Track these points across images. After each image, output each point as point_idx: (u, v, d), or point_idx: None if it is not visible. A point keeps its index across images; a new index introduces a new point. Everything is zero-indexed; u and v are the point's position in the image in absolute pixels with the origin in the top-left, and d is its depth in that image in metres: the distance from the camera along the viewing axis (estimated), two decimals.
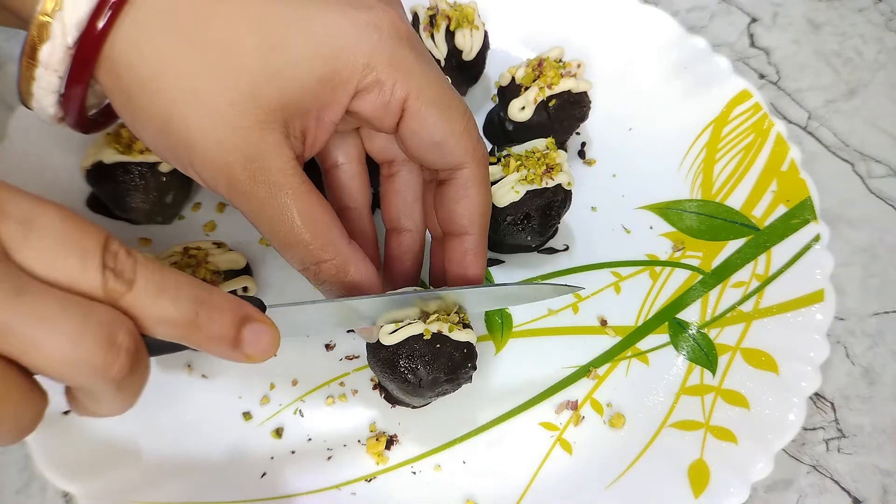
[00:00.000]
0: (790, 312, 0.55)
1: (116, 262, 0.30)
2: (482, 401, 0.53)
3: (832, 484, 0.54)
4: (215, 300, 0.33)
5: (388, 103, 0.40)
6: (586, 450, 0.52)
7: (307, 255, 0.41)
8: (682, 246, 0.60)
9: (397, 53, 0.40)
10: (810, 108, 0.72)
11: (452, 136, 0.43)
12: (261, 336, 0.35)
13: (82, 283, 0.29)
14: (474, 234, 0.47)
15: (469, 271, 0.47)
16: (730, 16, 0.78)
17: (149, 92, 0.37)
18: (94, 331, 0.28)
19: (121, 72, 0.37)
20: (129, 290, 0.30)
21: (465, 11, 0.60)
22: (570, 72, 0.58)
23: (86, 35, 0.35)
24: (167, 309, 0.31)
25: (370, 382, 0.53)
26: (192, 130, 0.37)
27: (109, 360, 0.29)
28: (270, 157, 0.38)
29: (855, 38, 0.77)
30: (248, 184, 0.38)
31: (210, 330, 0.33)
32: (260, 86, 0.37)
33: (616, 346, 0.56)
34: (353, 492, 0.49)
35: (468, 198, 0.45)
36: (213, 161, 0.38)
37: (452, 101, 0.42)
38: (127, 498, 0.46)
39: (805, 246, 0.57)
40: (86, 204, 0.57)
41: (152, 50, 0.36)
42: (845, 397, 0.57)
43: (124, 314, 0.30)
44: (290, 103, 0.38)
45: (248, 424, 0.51)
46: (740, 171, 0.62)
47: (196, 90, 0.37)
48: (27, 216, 0.28)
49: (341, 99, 0.40)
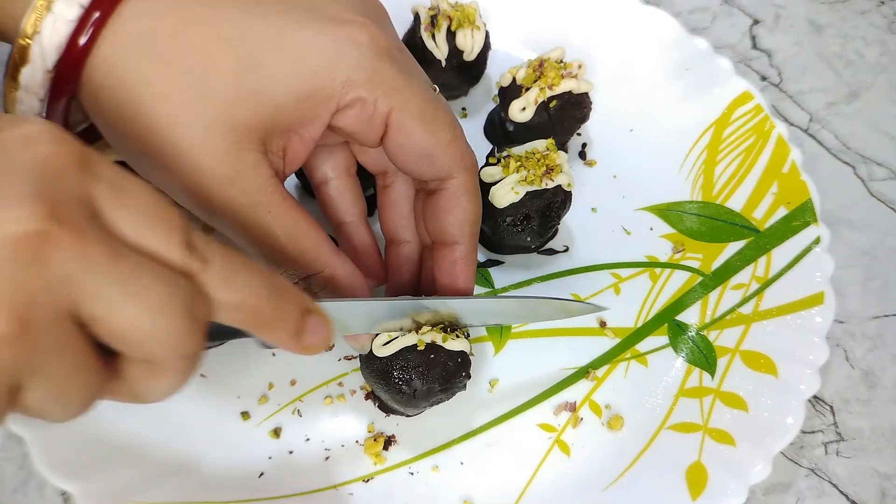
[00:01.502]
0: (790, 315, 0.55)
1: (197, 241, 0.30)
2: (480, 402, 0.53)
3: (830, 487, 0.54)
4: (284, 288, 0.33)
5: (370, 119, 0.40)
6: (584, 451, 0.52)
7: (295, 270, 0.41)
8: (683, 247, 0.60)
9: (378, 68, 0.39)
10: (812, 110, 0.72)
11: (439, 148, 0.42)
12: (320, 328, 0.35)
13: (166, 256, 0.28)
14: (464, 244, 0.46)
15: (459, 280, 0.47)
16: (732, 17, 0.77)
17: (126, 116, 0.37)
18: (180, 303, 0.28)
19: (99, 95, 0.37)
20: (206, 271, 0.30)
21: (467, 12, 0.60)
22: (571, 73, 0.58)
23: (64, 59, 0.35)
24: (239, 292, 0.31)
25: (363, 390, 0.53)
26: (169, 155, 0.37)
27: (191, 333, 0.28)
28: (249, 178, 0.38)
29: (857, 41, 0.77)
30: (228, 208, 0.38)
31: (278, 316, 0.33)
32: (236, 107, 0.37)
33: (615, 347, 0.56)
34: (350, 492, 0.49)
35: (459, 208, 0.45)
36: (191, 186, 0.38)
37: (437, 112, 0.42)
38: (125, 497, 0.46)
39: (805, 248, 0.57)
40: None
41: (129, 74, 0.36)
42: (845, 400, 0.57)
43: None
44: (268, 123, 0.38)
45: (246, 424, 0.51)
46: (741, 172, 0.62)
47: (172, 115, 0.36)
48: (120, 182, 0.28)
49: (322, 116, 0.39)
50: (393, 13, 0.65)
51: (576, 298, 0.57)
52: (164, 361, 0.29)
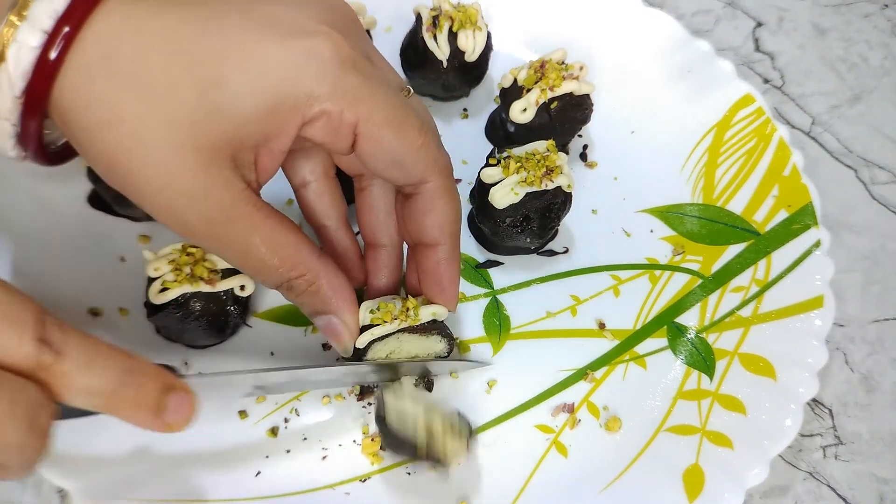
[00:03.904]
0: (789, 318, 0.55)
1: (50, 335, 0.31)
2: (478, 402, 0.53)
3: (829, 491, 0.53)
4: (144, 369, 0.35)
5: (337, 130, 0.40)
6: (582, 453, 0.52)
7: (277, 277, 0.42)
8: (683, 250, 0.60)
9: (341, 79, 0.39)
10: (814, 113, 0.72)
11: (410, 154, 0.42)
12: (182, 405, 0.37)
13: (16, 355, 0.30)
14: (446, 244, 0.47)
15: (444, 280, 0.47)
16: (735, 20, 0.77)
17: (94, 138, 0.37)
18: (22, 413, 0.30)
19: (68, 118, 0.37)
20: (61, 362, 0.31)
21: (469, 12, 0.60)
22: (573, 74, 0.58)
23: (31, 85, 0.35)
24: (96, 378, 0.33)
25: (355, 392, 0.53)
26: (137, 176, 0.37)
27: (30, 442, 0.30)
28: (220, 194, 0.38)
29: (861, 44, 0.76)
30: (202, 226, 0.39)
31: (137, 399, 0.35)
32: (201, 126, 0.37)
33: (614, 349, 0.56)
34: (347, 492, 0.49)
35: (436, 210, 0.45)
36: (162, 207, 0.38)
37: (405, 118, 0.41)
38: (121, 495, 0.46)
39: (805, 251, 0.57)
40: (87, 201, 0.57)
41: (95, 97, 0.36)
42: (843, 404, 0.57)
43: (51, 384, 0.32)
44: (234, 139, 0.38)
45: (243, 423, 0.51)
46: (742, 175, 0.62)
47: (138, 136, 0.37)
48: None
49: (288, 130, 0.39)
50: (394, 13, 0.66)
51: (576, 301, 0.58)
52: (7, 463, 0.31)
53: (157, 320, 0.50)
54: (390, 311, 0.47)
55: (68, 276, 0.53)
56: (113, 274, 0.55)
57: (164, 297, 0.48)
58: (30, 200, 0.55)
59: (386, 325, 0.47)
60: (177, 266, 0.49)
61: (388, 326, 0.47)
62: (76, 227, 0.56)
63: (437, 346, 0.50)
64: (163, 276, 0.49)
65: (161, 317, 0.49)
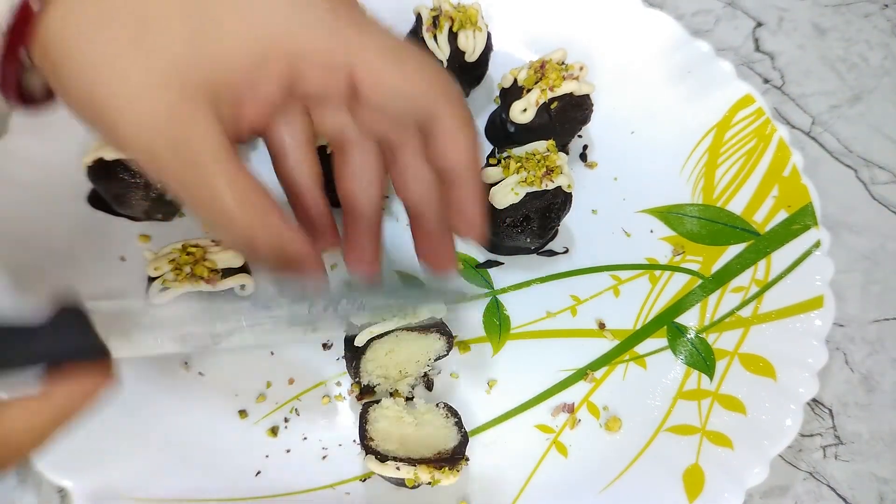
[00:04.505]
0: (789, 318, 0.55)
1: None
2: (478, 402, 0.53)
3: (828, 491, 0.53)
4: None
5: (334, 75, 0.40)
6: (582, 453, 0.52)
7: (239, 234, 0.40)
8: (683, 250, 0.60)
9: (335, 26, 0.39)
10: (814, 113, 0.72)
11: (413, 78, 0.41)
12: None
13: None
14: (471, 177, 0.43)
15: (469, 214, 0.44)
16: (735, 20, 0.77)
17: (75, 71, 0.37)
18: None
19: (49, 50, 0.37)
20: None
21: (469, 13, 0.60)
22: (573, 74, 0.58)
23: (17, 20, 0.36)
24: None
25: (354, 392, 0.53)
26: (114, 111, 0.37)
27: None
28: (198, 139, 0.38)
29: (861, 44, 0.76)
30: (175, 166, 0.38)
31: None
32: (187, 66, 0.37)
33: (614, 349, 0.56)
34: (347, 491, 0.49)
35: (455, 142, 0.42)
36: (136, 141, 0.38)
37: (404, 51, 0.41)
38: (121, 494, 0.46)
39: (805, 252, 0.57)
40: (87, 200, 0.57)
41: (80, 29, 0.36)
42: (843, 404, 0.57)
43: None
44: (219, 82, 0.38)
45: (243, 422, 0.51)
46: (742, 175, 0.62)
47: (121, 70, 0.36)
48: None
49: (278, 79, 0.39)
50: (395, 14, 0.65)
51: (576, 301, 0.58)
52: None
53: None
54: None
55: (68, 276, 0.53)
56: (113, 274, 0.55)
57: (164, 296, 0.48)
58: (30, 200, 0.55)
59: (384, 324, 0.47)
60: (177, 265, 0.49)
61: (387, 325, 0.47)
62: (76, 227, 0.56)
63: (435, 345, 0.50)
64: (163, 275, 0.49)
65: None
